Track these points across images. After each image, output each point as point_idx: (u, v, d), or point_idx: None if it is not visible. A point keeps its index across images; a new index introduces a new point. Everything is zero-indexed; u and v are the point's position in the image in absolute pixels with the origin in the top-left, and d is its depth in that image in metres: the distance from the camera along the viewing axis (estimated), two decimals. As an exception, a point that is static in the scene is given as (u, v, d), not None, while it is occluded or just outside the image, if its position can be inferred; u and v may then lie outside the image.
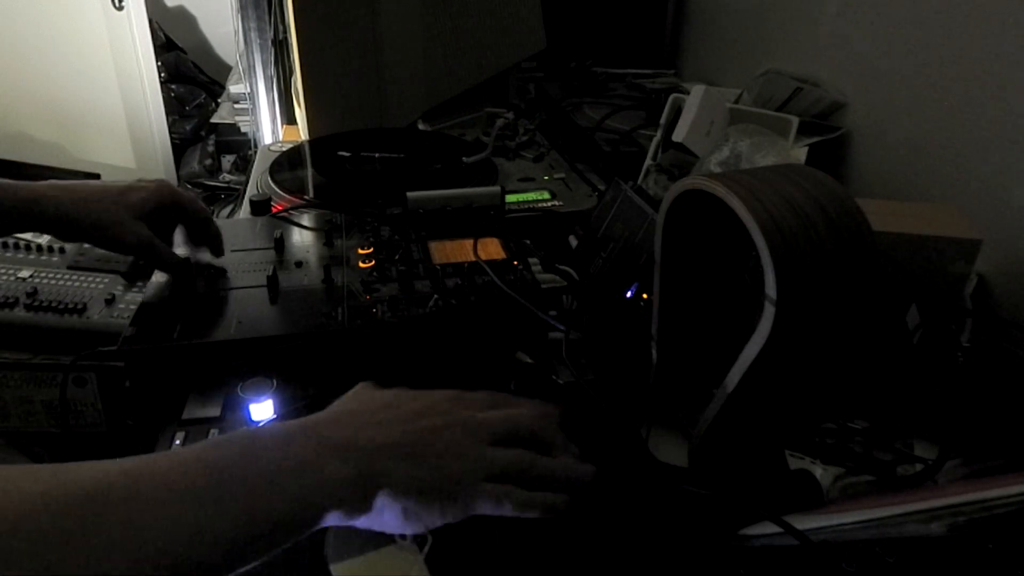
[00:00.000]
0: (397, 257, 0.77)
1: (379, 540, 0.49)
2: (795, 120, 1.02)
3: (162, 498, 0.37)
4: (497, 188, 0.92)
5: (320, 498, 0.41)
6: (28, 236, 0.91)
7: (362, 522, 0.44)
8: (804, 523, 0.47)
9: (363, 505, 0.43)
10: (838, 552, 0.44)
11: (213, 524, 0.38)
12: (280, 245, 0.79)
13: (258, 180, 1.07)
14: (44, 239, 0.90)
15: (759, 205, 0.48)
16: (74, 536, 0.34)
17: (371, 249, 0.79)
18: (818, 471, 0.58)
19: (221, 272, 0.74)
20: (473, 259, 0.77)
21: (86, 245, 0.89)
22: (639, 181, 1.02)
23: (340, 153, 1.15)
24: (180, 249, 0.77)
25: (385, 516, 0.44)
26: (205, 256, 0.77)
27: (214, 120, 2.10)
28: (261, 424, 0.53)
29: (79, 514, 0.35)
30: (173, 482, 0.38)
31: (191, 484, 0.38)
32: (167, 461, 0.40)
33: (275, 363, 0.63)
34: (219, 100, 2.23)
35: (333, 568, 0.48)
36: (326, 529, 0.49)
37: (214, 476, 0.39)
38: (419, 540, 0.49)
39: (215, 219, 0.78)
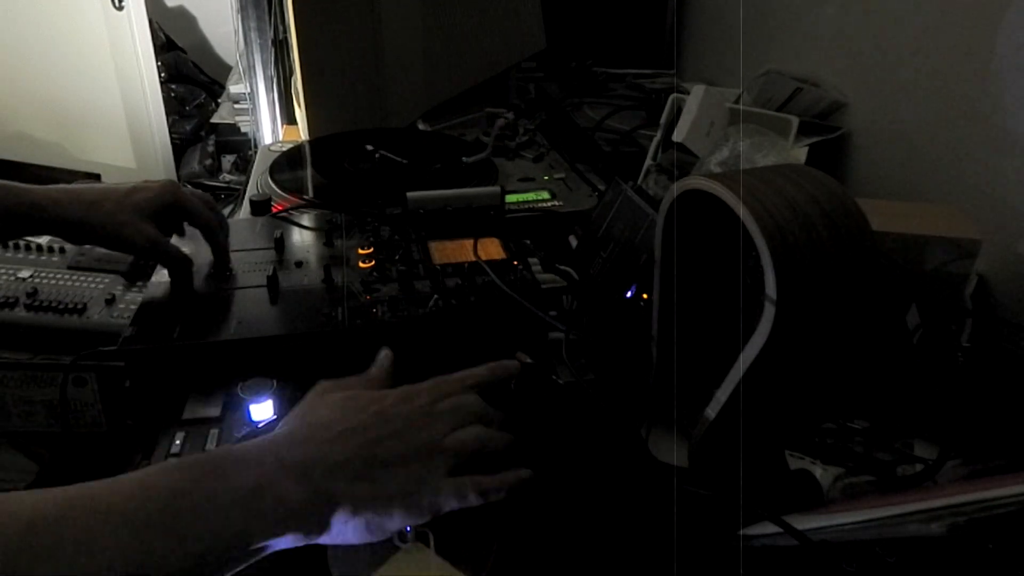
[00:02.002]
0: (397, 257, 0.77)
1: (381, 546, 0.49)
2: (795, 120, 1.02)
3: (103, 527, 0.37)
4: (497, 188, 0.92)
5: (274, 522, 0.41)
6: (28, 236, 0.90)
7: (323, 539, 0.43)
8: (804, 523, 0.47)
9: (320, 525, 0.43)
10: (838, 552, 0.44)
11: (161, 551, 0.37)
12: (280, 245, 0.79)
13: (258, 180, 1.07)
14: (44, 239, 0.90)
15: (759, 205, 0.48)
16: (11, 566, 0.34)
17: (371, 249, 0.79)
18: (818, 471, 0.58)
19: (225, 269, 0.74)
20: (473, 259, 0.77)
21: (86, 245, 0.89)
22: (639, 181, 1.02)
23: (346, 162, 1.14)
24: (185, 247, 0.77)
25: (347, 532, 0.44)
26: (208, 255, 0.77)
27: (214, 120, 2.10)
28: (223, 446, 0.52)
29: (15, 546, 0.35)
30: (115, 510, 0.38)
31: (135, 512, 0.38)
32: (108, 488, 0.39)
33: (275, 363, 0.63)
34: (219, 100, 2.23)
35: None
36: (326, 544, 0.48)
37: (161, 503, 0.39)
38: (421, 538, 0.49)
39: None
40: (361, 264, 0.76)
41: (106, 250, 0.75)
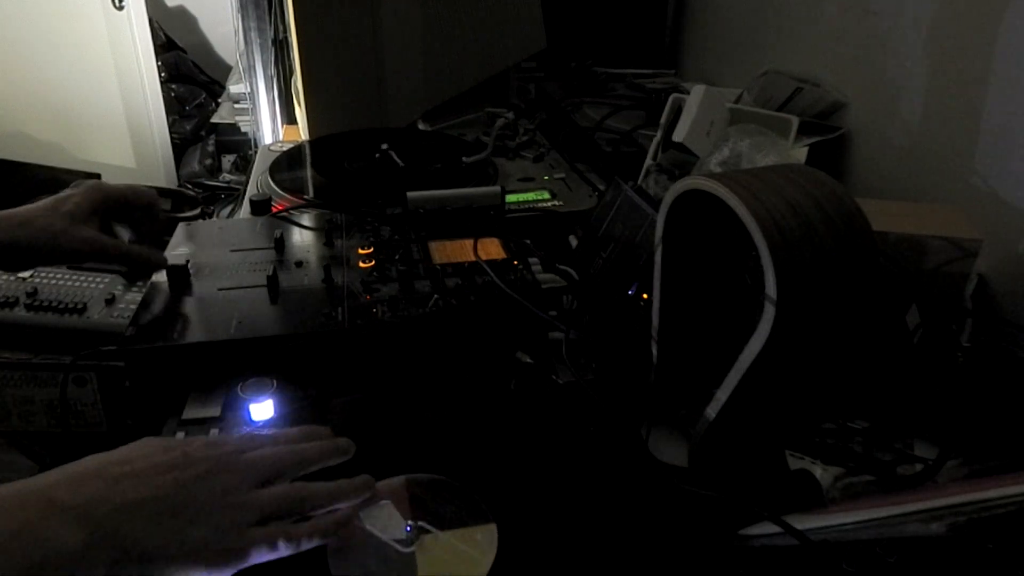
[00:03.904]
0: (397, 257, 0.77)
1: (382, 547, 0.49)
2: (795, 120, 1.02)
3: None
4: (497, 188, 0.92)
5: (47, 572, 0.36)
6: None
7: None
8: (804, 523, 0.47)
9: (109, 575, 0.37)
10: (838, 552, 0.44)
11: None
12: (280, 245, 0.79)
13: (258, 180, 1.07)
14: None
15: (759, 205, 0.48)
16: None
17: (371, 249, 0.79)
18: (818, 471, 0.58)
19: (183, 268, 0.73)
20: (473, 259, 0.77)
21: (26, 269, 0.84)
22: (639, 181, 1.02)
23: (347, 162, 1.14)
24: (183, 248, 0.77)
25: None
26: (207, 256, 0.77)
27: (214, 120, 2.09)
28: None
29: None
30: None
31: None
32: None
33: (275, 363, 0.63)
34: (219, 100, 2.23)
35: None
36: (325, 548, 0.48)
37: None
38: (422, 532, 0.49)
39: (215, 216, 0.78)
40: (361, 264, 0.76)
41: (57, 264, 0.70)
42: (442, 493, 0.52)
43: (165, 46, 2.31)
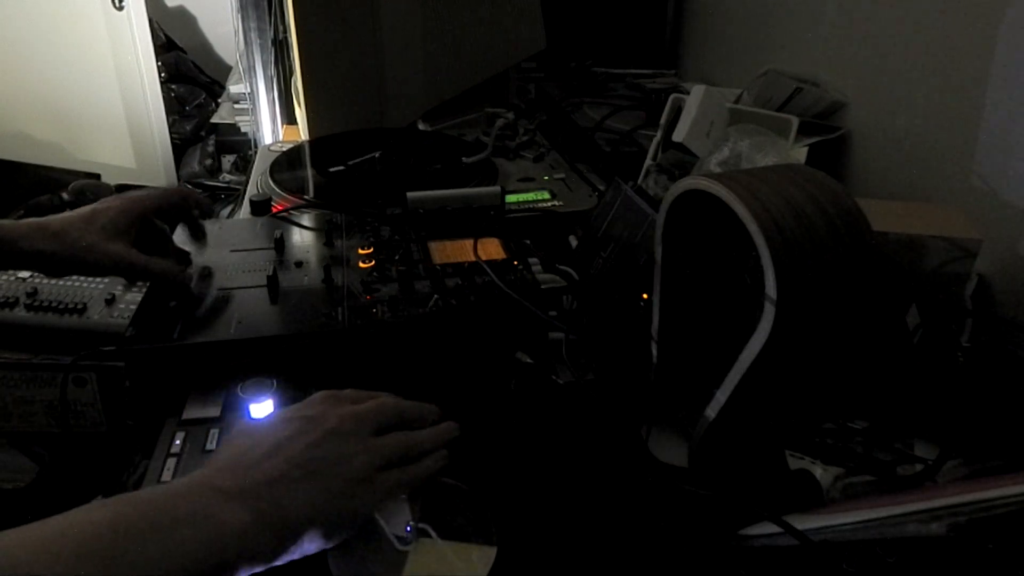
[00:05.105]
0: (397, 257, 0.77)
1: (381, 547, 0.48)
2: (795, 120, 1.02)
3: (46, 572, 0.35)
4: (497, 188, 0.92)
5: (222, 550, 0.40)
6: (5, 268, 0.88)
7: (284, 559, 0.43)
8: (804, 523, 0.47)
9: (277, 544, 0.42)
10: (838, 552, 0.44)
11: None
12: (280, 245, 0.79)
13: (258, 180, 1.07)
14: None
15: (759, 205, 0.48)
16: None
17: (371, 249, 0.79)
18: (818, 471, 0.58)
19: (208, 272, 0.74)
20: (473, 259, 0.77)
21: (64, 276, 0.86)
22: (639, 181, 1.02)
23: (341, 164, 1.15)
24: (188, 248, 0.77)
25: (305, 544, 0.44)
26: (208, 257, 0.77)
27: (214, 120, 2.09)
28: (152, 487, 0.50)
29: None
30: (53, 551, 0.36)
31: (75, 552, 0.36)
32: (40, 532, 0.37)
33: (275, 363, 0.63)
34: (219, 100, 2.23)
35: None
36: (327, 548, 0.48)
37: (105, 540, 0.37)
38: (422, 534, 0.49)
39: (213, 216, 0.78)
40: (361, 264, 0.76)
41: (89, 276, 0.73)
42: (459, 503, 0.52)
43: (165, 46, 2.31)
